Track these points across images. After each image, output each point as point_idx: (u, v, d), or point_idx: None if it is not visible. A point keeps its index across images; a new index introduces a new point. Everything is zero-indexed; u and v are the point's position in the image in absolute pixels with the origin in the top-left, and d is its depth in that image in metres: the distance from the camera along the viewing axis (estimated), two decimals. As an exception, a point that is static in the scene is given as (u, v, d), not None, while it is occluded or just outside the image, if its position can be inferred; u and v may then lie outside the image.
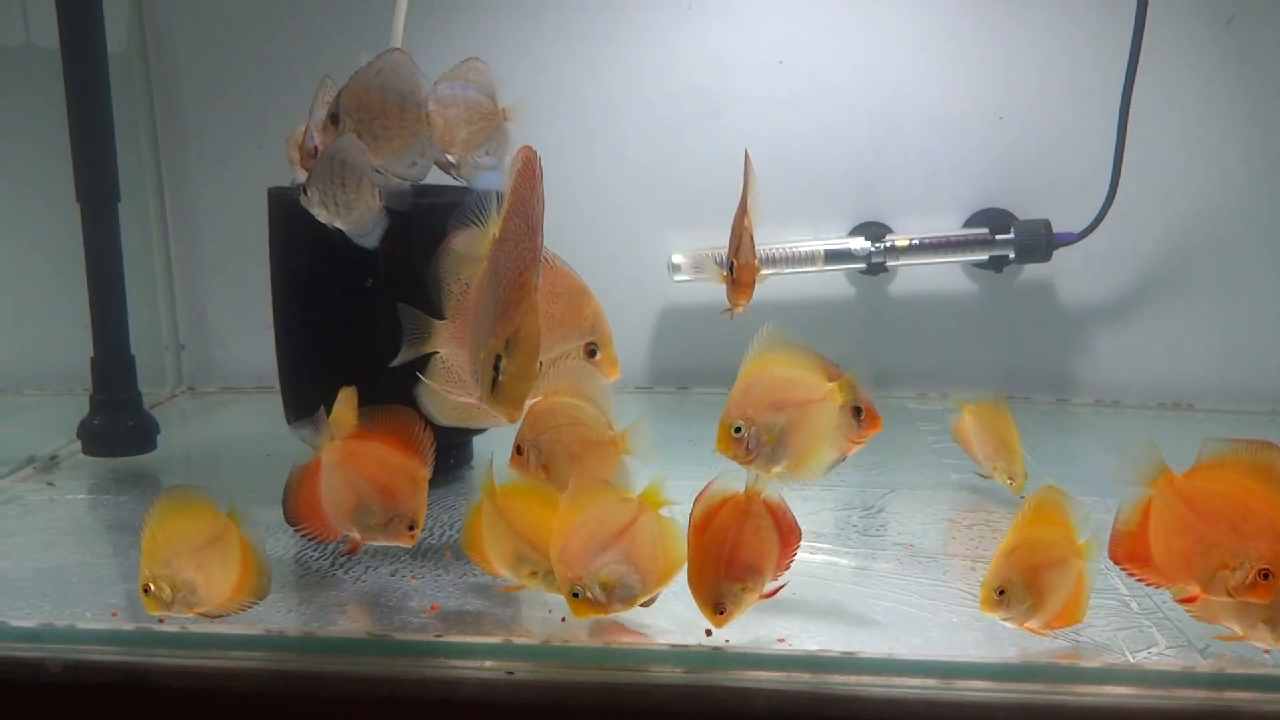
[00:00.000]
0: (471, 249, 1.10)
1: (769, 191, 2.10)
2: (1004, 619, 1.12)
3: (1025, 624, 1.12)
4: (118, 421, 1.70)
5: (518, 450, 1.24)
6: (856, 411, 1.19)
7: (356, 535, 1.23)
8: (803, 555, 1.19)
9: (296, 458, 1.39)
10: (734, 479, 1.15)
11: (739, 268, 1.27)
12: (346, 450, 1.21)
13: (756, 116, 2.08)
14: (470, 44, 2.04)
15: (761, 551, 1.12)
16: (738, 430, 1.13)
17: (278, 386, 2.14)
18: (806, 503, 1.55)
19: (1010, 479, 1.52)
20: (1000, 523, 1.48)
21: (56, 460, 1.73)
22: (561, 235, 2.07)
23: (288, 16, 2.07)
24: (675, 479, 1.26)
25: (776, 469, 1.15)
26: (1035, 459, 1.74)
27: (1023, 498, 1.50)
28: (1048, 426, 1.96)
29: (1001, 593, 1.09)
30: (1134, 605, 1.22)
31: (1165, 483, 1.02)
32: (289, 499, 1.21)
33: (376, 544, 1.24)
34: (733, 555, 1.10)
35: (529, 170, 1.04)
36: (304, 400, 1.59)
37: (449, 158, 1.47)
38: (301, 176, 1.56)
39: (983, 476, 1.58)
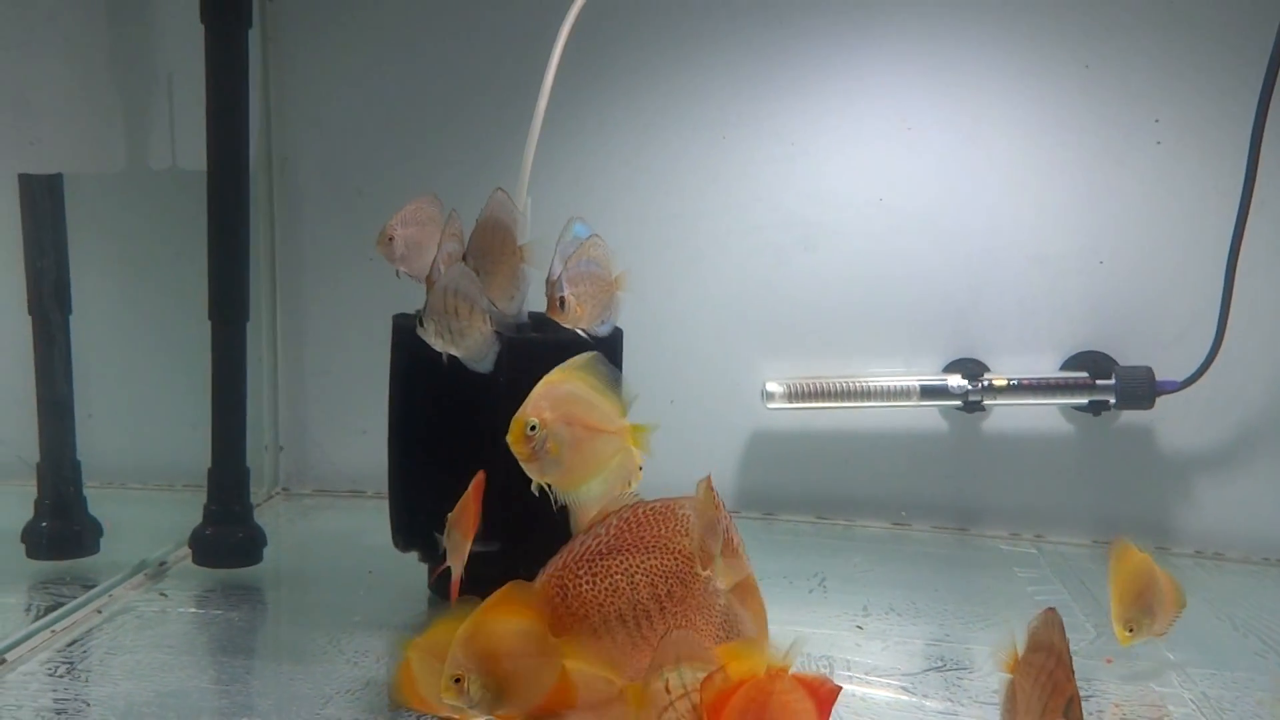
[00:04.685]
0: None
1: (864, 323, 2.17)
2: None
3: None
4: (229, 533, 1.73)
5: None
6: None
7: None
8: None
9: (398, 575, 1.52)
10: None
11: None
12: None
13: (854, 250, 2.12)
14: (585, 173, 2.14)
15: None
16: (532, 428, 1.16)
17: (368, 493, 2.23)
18: (910, 656, 1.54)
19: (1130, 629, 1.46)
20: (1110, 693, 1.45)
21: (165, 567, 1.77)
22: (660, 354, 2.15)
23: (410, 142, 2.16)
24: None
25: (546, 479, 1.20)
26: (1139, 614, 1.71)
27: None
28: (1146, 576, 1.93)
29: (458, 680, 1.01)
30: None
31: None
32: None
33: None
34: None
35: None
36: (415, 529, 1.62)
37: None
38: (401, 266, 1.61)
39: None
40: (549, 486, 1.22)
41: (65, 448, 1.75)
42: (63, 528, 1.73)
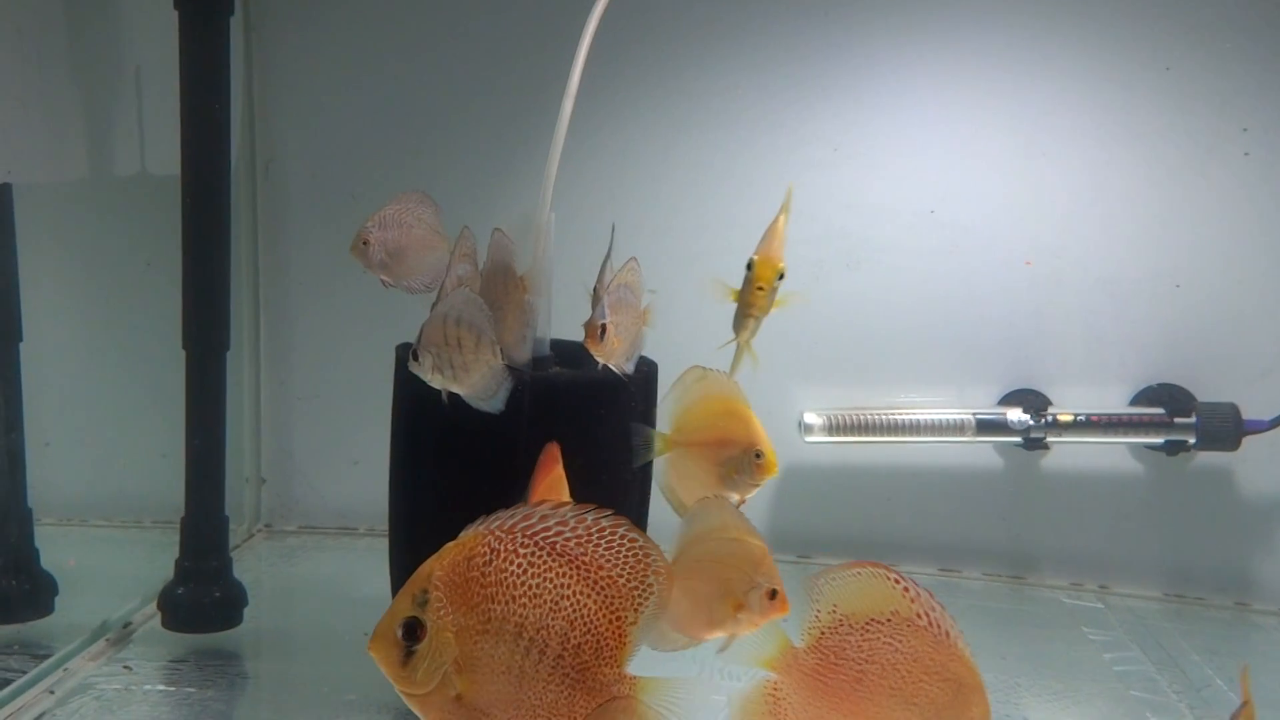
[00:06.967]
0: None
1: (912, 349, 1.98)
2: None
3: None
4: (204, 593, 1.52)
5: None
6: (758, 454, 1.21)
7: None
8: None
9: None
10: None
11: None
12: None
13: (902, 268, 1.92)
14: (605, 178, 1.93)
15: None
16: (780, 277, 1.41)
17: (360, 530, 2.03)
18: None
19: None
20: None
21: (130, 630, 1.55)
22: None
23: (410, 143, 1.96)
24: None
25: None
26: (1218, 677, 1.54)
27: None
28: (1226, 636, 1.75)
29: None
30: None
31: None
32: None
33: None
34: None
35: None
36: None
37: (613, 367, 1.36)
38: (382, 274, 1.41)
39: None
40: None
41: (14, 499, 1.52)
42: (12, 586, 1.51)
